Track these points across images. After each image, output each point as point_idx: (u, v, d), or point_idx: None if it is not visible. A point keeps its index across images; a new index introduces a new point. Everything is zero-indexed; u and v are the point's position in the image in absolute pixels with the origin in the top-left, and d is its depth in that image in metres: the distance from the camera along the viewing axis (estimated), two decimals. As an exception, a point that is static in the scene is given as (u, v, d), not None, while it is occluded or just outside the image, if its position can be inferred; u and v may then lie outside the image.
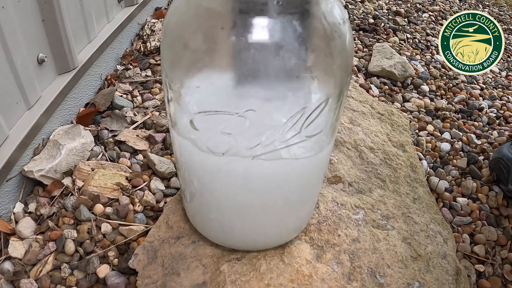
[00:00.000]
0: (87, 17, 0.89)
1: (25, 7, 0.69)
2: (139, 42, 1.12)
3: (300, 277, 0.56)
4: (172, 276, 0.57)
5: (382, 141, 0.84)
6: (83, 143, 0.77)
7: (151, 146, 0.82)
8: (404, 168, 0.80)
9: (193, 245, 0.60)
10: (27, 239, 0.64)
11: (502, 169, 0.84)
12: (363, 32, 1.43)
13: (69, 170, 0.74)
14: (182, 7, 0.39)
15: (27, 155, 0.72)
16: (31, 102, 0.73)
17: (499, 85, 1.31)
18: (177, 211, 0.65)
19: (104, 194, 0.70)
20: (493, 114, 1.13)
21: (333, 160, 0.77)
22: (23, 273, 0.61)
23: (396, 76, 1.16)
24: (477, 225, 0.78)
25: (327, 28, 0.39)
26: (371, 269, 0.60)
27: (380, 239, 0.64)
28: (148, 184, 0.74)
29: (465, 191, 0.85)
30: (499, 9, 2.07)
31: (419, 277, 0.61)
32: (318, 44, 0.38)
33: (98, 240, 0.65)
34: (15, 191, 0.69)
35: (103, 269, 0.62)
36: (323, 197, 0.68)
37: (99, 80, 0.96)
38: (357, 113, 0.91)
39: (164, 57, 0.42)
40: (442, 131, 1.02)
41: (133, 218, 0.68)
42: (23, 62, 0.69)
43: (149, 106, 0.93)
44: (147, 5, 1.19)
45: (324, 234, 0.63)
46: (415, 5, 1.71)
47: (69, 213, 0.67)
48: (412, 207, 0.72)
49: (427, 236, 0.67)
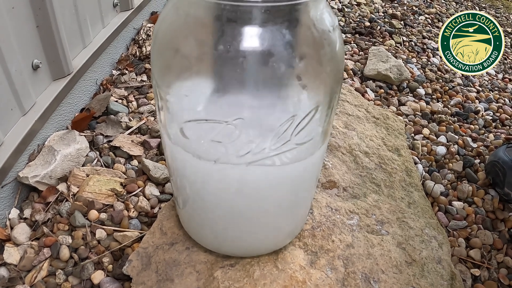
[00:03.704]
0: (82, 22, 0.89)
1: (19, 13, 0.69)
2: (135, 47, 1.12)
3: (293, 283, 0.56)
4: (166, 282, 0.57)
5: (377, 146, 0.84)
6: (78, 149, 0.77)
7: (146, 152, 0.82)
8: (399, 172, 0.80)
9: (187, 251, 0.60)
10: (22, 245, 0.64)
11: (498, 173, 0.84)
12: (359, 35, 1.43)
13: (64, 176, 0.74)
14: (172, 15, 0.39)
15: (22, 161, 0.72)
16: (26, 108, 0.73)
17: (495, 88, 1.31)
18: (171, 217, 0.65)
19: (99, 200, 0.70)
20: (490, 117, 1.12)
21: (327, 165, 0.76)
22: (18, 279, 0.61)
23: (392, 80, 1.16)
24: (473, 229, 0.78)
25: (316, 36, 0.39)
26: (365, 275, 0.60)
27: (374, 244, 0.64)
28: (142, 190, 0.74)
29: (461, 194, 0.85)
30: (496, 11, 2.07)
31: (413, 282, 0.61)
32: (307, 52, 0.38)
33: (92, 246, 0.65)
34: (11, 197, 0.69)
35: (98, 275, 0.62)
36: (317, 202, 0.68)
37: (94, 85, 0.96)
38: (352, 117, 0.91)
39: (154, 65, 0.42)
40: (438, 135, 1.01)
41: (128, 224, 0.68)
42: (18, 68, 0.69)
43: (144, 111, 0.93)
44: (142, 9, 1.19)
45: (318, 240, 0.63)
46: (411, 8, 1.71)
47: (64, 219, 0.67)
48: (407, 212, 0.72)
49: (422, 241, 0.67)
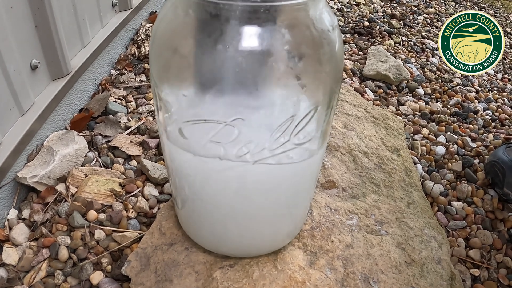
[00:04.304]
0: (81, 22, 0.89)
1: (18, 13, 0.69)
2: (134, 46, 1.11)
3: (293, 283, 0.56)
4: (165, 283, 0.57)
5: (376, 146, 0.84)
6: (76, 149, 0.77)
7: (145, 152, 0.82)
8: (399, 172, 0.80)
9: (186, 251, 0.60)
10: (21, 246, 0.64)
11: (497, 173, 0.84)
12: (358, 35, 1.42)
13: (62, 176, 0.73)
14: (170, 15, 0.39)
15: (20, 161, 0.72)
16: (25, 109, 0.73)
17: (494, 88, 1.31)
18: (170, 217, 0.65)
19: (98, 201, 0.70)
20: (489, 116, 1.12)
21: (326, 165, 0.76)
22: (17, 280, 0.61)
23: (391, 80, 1.15)
24: (472, 229, 0.78)
25: (316, 35, 0.39)
26: (364, 275, 0.60)
27: (374, 244, 0.64)
28: (141, 190, 0.74)
29: (460, 194, 0.84)
30: (495, 11, 2.07)
31: (413, 282, 0.61)
32: (306, 51, 0.38)
33: (91, 247, 0.65)
34: (9, 197, 0.69)
35: (97, 275, 0.62)
36: (317, 202, 0.68)
37: (93, 85, 0.96)
38: (352, 117, 0.91)
39: (153, 66, 0.41)
40: (437, 135, 1.01)
41: (127, 225, 0.68)
42: (16, 69, 0.69)
43: (143, 111, 0.93)
44: (141, 9, 1.19)
45: (317, 240, 0.63)
46: (411, 8, 1.71)
47: (63, 220, 0.67)
48: (407, 212, 0.71)
49: (422, 241, 0.67)
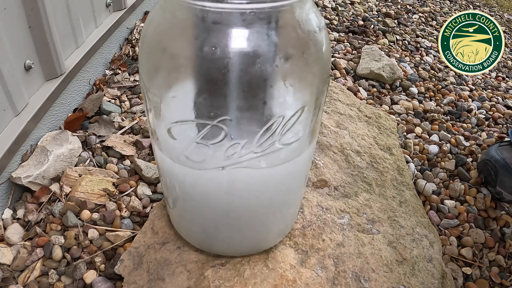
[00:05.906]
0: (75, 23, 0.89)
1: (11, 14, 0.69)
2: (128, 46, 1.12)
3: (284, 282, 0.57)
4: (157, 282, 0.57)
5: (369, 145, 0.85)
6: (70, 149, 0.77)
7: (138, 152, 0.82)
8: (391, 171, 0.80)
9: (178, 250, 0.60)
10: (15, 245, 0.64)
11: (490, 171, 0.84)
12: (353, 34, 1.43)
13: (56, 176, 0.74)
14: (159, 17, 0.39)
15: (15, 161, 0.72)
16: (19, 109, 0.73)
17: (488, 86, 1.32)
18: (163, 216, 0.65)
19: (91, 200, 0.70)
20: (482, 115, 1.13)
21: (318, 164, 0.77)
22: (11, 279, 0.61)
23: (385, 79, 1.16)
24: (465, 228, 0.78)
25: (302, 37, 0.39)
26: (355, 274, 0.60)
27: (365, 243, 0.65)
28: (135, 190, 0.74)
29: (453, 193, 0.85)
30: (490, 10, 2.08)
31: (404, 281, 0.61)
32: (293, 52, 0.39)
33: (85, 246, 0.65)
34: (4, 197, 0.69)
35: (90, 274, 0.62)
36: (308, 201, 0.69)
37: (87, 85, 0.96)
38: (344, 116, 0.91)
39: (142, 67, 0.42)
40: (431, 133, 1.02)
41: (120, 224, 0.68)
42: (10, 69, 0.69)
43: (137, 111, 0.93)
44: (136, 9, 1.19)
45: (308, 239, 0.63)
46: (405, 7, 1.72)
47: (57, 219, 0.68)
48: (398, 211, 0.72)
49: (413, 240, 0.67)
